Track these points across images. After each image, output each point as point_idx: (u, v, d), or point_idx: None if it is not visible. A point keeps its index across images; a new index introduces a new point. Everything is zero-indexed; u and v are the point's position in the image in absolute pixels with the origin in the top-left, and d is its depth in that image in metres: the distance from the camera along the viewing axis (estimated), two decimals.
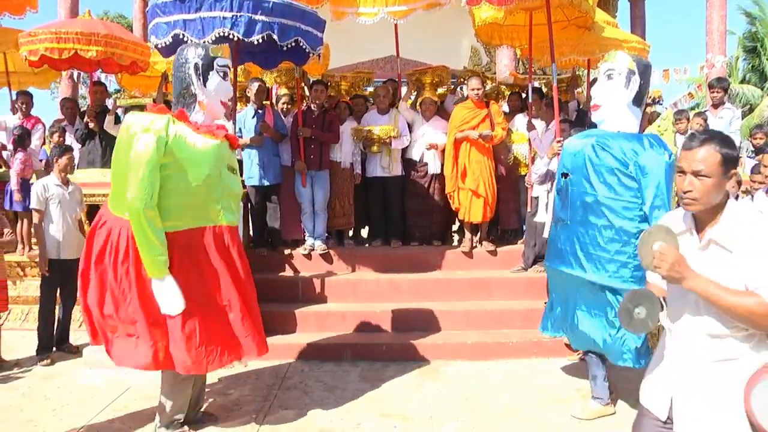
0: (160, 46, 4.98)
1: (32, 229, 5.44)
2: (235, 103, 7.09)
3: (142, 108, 7.45)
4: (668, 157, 3.53)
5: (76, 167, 6.85)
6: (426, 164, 6.57)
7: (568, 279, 3.78)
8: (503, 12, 6.16)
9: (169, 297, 3.28)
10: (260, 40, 4.83)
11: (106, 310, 3.37)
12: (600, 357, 3.92)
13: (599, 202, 3.58)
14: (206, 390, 4.08)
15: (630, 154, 3.50)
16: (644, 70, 3.71)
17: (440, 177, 6.54)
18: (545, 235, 5.29)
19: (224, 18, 4.68)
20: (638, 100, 3.70)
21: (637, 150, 3.50)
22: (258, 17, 4.77)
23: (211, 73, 3.53)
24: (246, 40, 4.80)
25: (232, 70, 3.75)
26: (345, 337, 5.29)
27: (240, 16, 4.71)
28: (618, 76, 3.64)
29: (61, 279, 5.21)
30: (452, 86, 7.91)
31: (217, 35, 4.72)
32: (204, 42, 4.64)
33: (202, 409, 3.90)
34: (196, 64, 3.51)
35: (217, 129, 3.58)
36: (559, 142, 5.21)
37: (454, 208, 6.37)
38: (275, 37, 4.85)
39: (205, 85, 3.52)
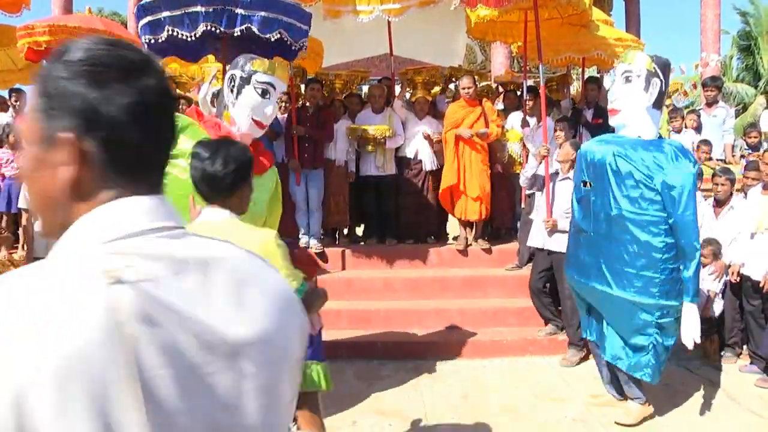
0: (149, 43, 4.92)
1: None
2: None
3: None
4: (693, 166, 3.43)
5: None
6: (420, 161, 6.57)
7: (591, 290, 3.69)
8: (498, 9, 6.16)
9: None
10: (239, 33, 4.81)
11: None
12: None
13: (623, 216, 3.44)
14: None
15: (653, 168, 3.36)
16: (664, 70, 3.54)
17: (434, 174, 6.55)
18: (530, 243, 5.20)
19: (207, 13, 4.67)
20: (658, 103, 3.54)
21: (661, 163, 3.36)
22: (237, 10, 4.75)
23: (246, 87, 3.41)
24: (227, 32, 4.79)
25: (278, 89, 3.53)
26: (340, 335, 5.27)
27: (220, 9, 4.69)
28: (636, 78, 3.48)
29: None
30: (444, 85, 7.91)
31: (204, 29, 4.70)
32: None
33: None
34: (232, 74, 3.44)
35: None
36: (545, 146, 5.18)
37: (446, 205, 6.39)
38: (255, 29, 4.84)
39: (236, 98, 3.43)
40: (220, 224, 2.07)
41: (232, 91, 3.44)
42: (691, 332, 3.42)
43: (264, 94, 3.43)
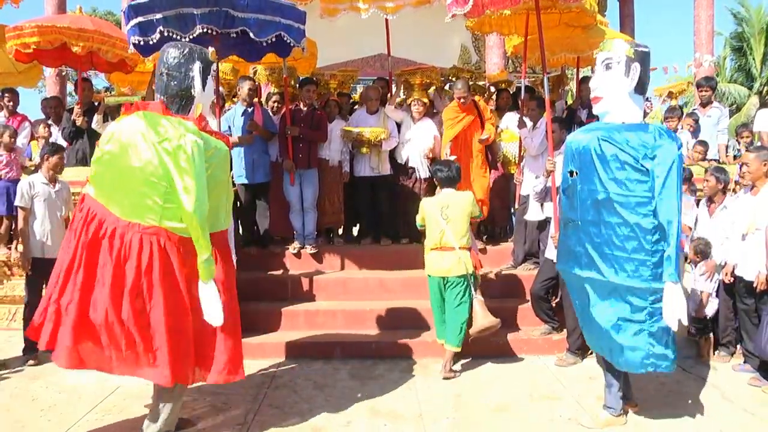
0: (137, 44, 4.88)
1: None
2: (224, 101, 7.04)
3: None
4: (677, 147, 3.39)
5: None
6: (414, 168, 6.55)
7: (582, 281, 3.66)
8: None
9: (217, 302, 3.26)
10: (235, 35, 4.80)
11: (124, 315, 3.17)
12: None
13: (611, 200, 3.43)
14: (195, 389, 4.06)
15: (639, 147, 3.36)
16: (644, 57, 3.57)
17: (428, 179, 6.51)
18: (548, 255, 5.08)
19: (203, 14, 4.65)
20: (640, 88, 3.57)
21: (646, 141, 3.36)
22: (233, 12, 4.74)
23: (208, 78, 3.52)
24: (222, 31, 4.78)
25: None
26: (335, 335, 5.28)
27: (216, 11, 4.68)
28: (617, 65, 3.51)
29: (45, 278, 5.13)
30: (441, 84, 7.88)
31: (200, 31, 4.68)
32: (185, 39, 4.60)
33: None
34: (200, 67, 3.46)
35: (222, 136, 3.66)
36: (551, 161, 5.10)
37: None
38: (251, 34, 4.84)
39: (204, 90, 3.50)
40: (453, 194, 4.81)
41: (201, 83, 3.48)
42: (674, 312, 3.30)
43: (214, 80, 3.71)
